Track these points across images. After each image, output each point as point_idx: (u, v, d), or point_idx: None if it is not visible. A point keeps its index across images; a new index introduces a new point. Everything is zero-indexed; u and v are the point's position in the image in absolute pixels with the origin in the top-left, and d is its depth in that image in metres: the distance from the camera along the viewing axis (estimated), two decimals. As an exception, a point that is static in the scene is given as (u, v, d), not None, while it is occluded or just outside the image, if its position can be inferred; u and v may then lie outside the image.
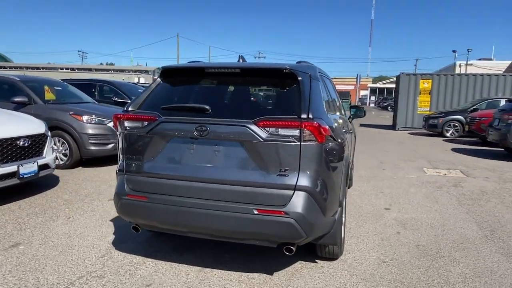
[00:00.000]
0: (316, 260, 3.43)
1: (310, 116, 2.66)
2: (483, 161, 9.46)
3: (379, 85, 56.85)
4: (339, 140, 3.11)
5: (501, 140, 9.61)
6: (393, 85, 54.50)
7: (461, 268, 3.38)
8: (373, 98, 53.00)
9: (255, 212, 2.66)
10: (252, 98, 3.16)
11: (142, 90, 10.91)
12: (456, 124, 14.58)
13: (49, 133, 5.55)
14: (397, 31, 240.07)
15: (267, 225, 2.66)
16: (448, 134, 14.62)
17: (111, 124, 7.18)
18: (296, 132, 2.62)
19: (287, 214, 2.62)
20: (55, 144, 6.81)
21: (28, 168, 4.94)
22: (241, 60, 3.58)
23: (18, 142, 4.83)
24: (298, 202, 2.63)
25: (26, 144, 4.92)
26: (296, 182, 2.65)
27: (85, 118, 6.99)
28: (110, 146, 7.15)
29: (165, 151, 2.92)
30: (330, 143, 2.82)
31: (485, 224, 4.59)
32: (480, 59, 37.77)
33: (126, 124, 3.03)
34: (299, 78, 2.91)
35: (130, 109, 3.08)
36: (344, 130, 3.69)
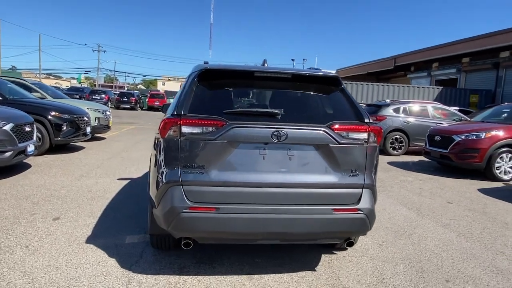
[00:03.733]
0: (333, 252, 3.74)
1: (371, 120, 2.97)
2: (355, 155, 11.35)
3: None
4: None
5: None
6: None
7: (431, 241, 4.23)
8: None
9: (333, 212, 2.81)
10: (308, 103, 3.22)
11: (10, 85, 8.98)
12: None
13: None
14: (238, 37, 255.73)
15: (343, 222, 2.85)
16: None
17: (8, 127, 5.80)
18: (364, 135, 2.90)
19: (360, 211, 2.86)
20: None
21: None
22: (266, 64, 3.58)
23: None
24: (367, 198, 2.92)
25: None
26: (364, 181, 2.92)
27: (-28, 120, 5.45)
28: (8, 154, 5.76)
29: (232, 157, 2.75)
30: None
31: (409, 205, 5.73)
32: (310, 68, 44.01)
33: (185, 129, 2.71)
34: (342, 86, 3.18)
35: (183, 112, 2.76)
36: None
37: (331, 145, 2.82)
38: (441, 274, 3.37)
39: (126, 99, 31.87)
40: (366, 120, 2.95)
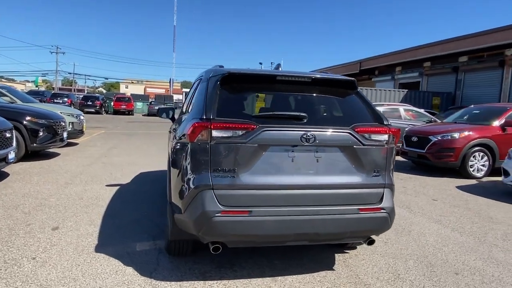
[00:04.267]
0: (345, 251, 3.84)
1: (389, 123, 3.10)
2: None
3: (193, 89, 59.67)
4: None
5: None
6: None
7: (429, 236, 4.44)
8: (187, 102, 55.15)
9: (359, 212, 2.90)
10: (328, 106, 3.29)
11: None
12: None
13: None
14: (201, 39, 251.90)
15: (368, 222, 2.94)
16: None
17: (-11, 134, 5.47)
18: (385, 137, 3.02)
19: (383, 210, 2.97)
20: None
21: None
22: (280, 68, 3.62)
23: None
24: (388, 197, 3.03)
25: None
26: (385, 181, 3.04)
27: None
28: (-11, 162, 5.44)
29: (262, 160, 2.77)
30: None
31: (398, 204, 5.94)
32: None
33: (216, 133, 2.70)
34: (358, 89, 3.29)
35: (212, 116, 2.75)
36: None
37: (355, 146, 2.92)
38: (449, 268, 3.55)
39: (91, 103, 30.83)
40: (385, 122, 3.07)
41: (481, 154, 8.35)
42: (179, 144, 3.07)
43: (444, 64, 22.51)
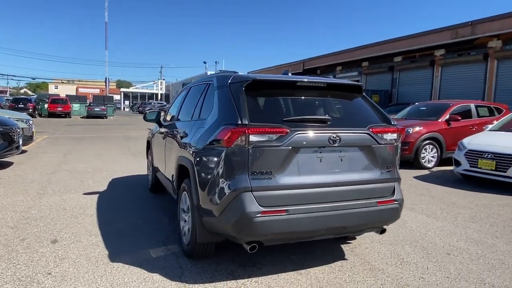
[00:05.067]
0: (347, 241, 4.15)
1: (396, 123, 3.44)
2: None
3: (132, 90, 57.35)
4: None
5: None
6: (148, 91, 55.90)
7: (411, 223, 4.93)
8: (127, 102, 52.83)
9: (377, 204, 3.20)
10: (342, 109, 3.52)
11: None
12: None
13: None
14: (138, 37, 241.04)
15: (384, 213, 3.26)
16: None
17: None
18: (394, 136, 3.35)
19: (396, 201, 3.31)
20: None
21: None
22: (289, 74, 3.79)
23: None
24: (398, 190, 3.38)
25: None
26: (395, 175, 3.38)
27: None
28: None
29: (295, 162, 2.95)
30: None
31: (372, 196, 6.47)
32: (220, 71, 44.58)
33: (253, 138, 2.82)
34: (364, 93, 3.61)
35: (247, 122, 2.86)
36: None
37: (373, 145, 3.22)
38: (440, 249, 4.02)
39: (23, 105, 28.48)
40: (393, 123, 3.41)
41: (431, 146, 9.25)
42: (207, 150, 3.13)
43: (381, 63, 24.19)
